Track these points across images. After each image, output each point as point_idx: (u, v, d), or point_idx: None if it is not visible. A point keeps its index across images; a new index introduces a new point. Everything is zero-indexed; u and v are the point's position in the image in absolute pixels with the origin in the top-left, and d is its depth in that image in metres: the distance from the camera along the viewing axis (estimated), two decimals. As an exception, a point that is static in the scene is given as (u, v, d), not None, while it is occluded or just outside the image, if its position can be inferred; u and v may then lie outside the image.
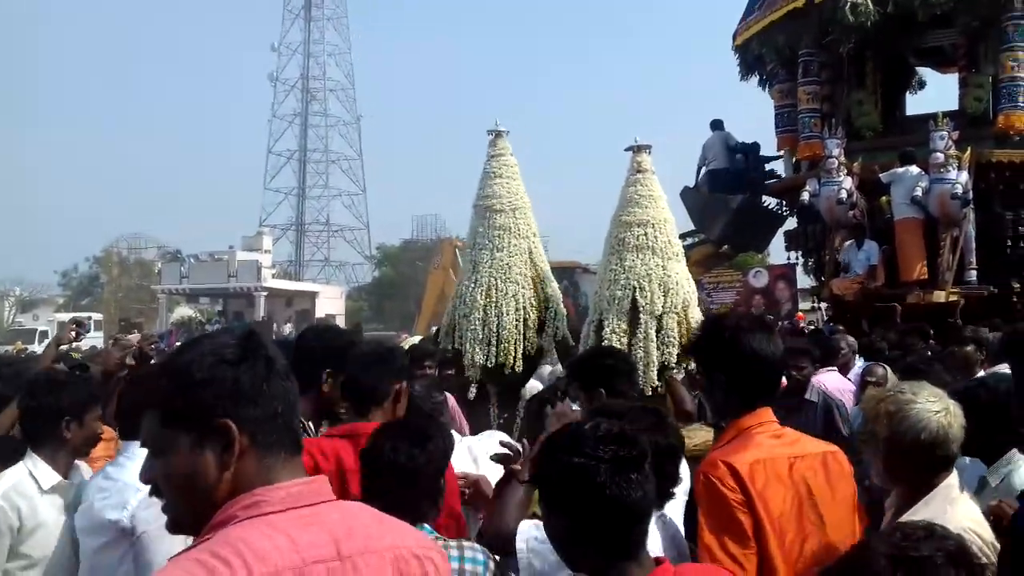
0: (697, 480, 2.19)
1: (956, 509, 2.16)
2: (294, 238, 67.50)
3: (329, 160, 68.57)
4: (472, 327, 4.93)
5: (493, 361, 4.88)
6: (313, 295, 43.86)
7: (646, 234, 5.04)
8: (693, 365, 3.51)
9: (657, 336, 4.85)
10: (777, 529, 2.10)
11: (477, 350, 4.91)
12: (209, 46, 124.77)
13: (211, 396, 1.23)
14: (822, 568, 1.23)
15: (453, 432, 2.94)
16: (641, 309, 4.92)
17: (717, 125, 14.87)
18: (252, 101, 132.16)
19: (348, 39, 69.38)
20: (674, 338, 4.82)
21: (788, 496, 2.16)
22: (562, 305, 5.35)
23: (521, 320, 4.96)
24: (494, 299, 4.92)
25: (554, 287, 5.30)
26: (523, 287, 4.99)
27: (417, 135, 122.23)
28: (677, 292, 4.99)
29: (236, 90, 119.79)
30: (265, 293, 39.25)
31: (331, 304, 43.06)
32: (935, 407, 2.28)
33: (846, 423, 4.89)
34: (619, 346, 4.65)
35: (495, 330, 4.88)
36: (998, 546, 2.01)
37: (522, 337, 4.96)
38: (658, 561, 1.64)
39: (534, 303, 5.05)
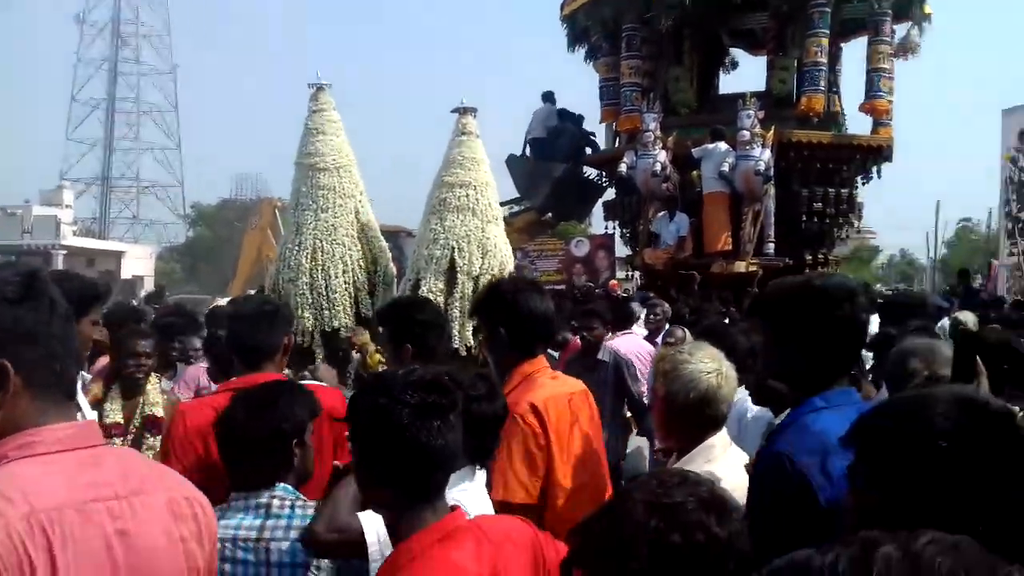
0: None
1: (713, 468, 2.18)
2: (99, 193, 63.08)
3: (140, 111, 64.37)
4: (300, 291, 4.78)
5: (328, 325, 4.78)
6: (119, 255, 41.16)
7: (467, 195, 5.07)
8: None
9: (473, 296, 4.84)
10: (565, 454, 2.54)
11: (306, 315, 4.76)
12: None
13: None
14: (585, 517, 1.26)
15: None
16: (459, 269, 4.94)
17: (548, 97, 15.06)
18: (55, 43, 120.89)
19: (165, -18, 65.06)
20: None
21: (571, 426, 2.61)
22: (392, 265, 5.24)
23: (351, 282, 4.86)
24: (320, 262, 4.80)
25: (383, 246, 5.21)
26: (350, 248, 4.89)
27: (239, 88, 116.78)
28: (495, 255, 5.06)
29: (37, 30, 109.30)
30: (64, 252, 36.40)
31: (139, 265, 40.61)
32: (707, 367, 2.35)
33: (635, 381, 5.21)
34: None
35: (324, 293, 4.77)
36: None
37: (353, 300, 4.89)
38: (453, 508, 1.67)
39: (362, 264, 4.95)
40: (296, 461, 2.27)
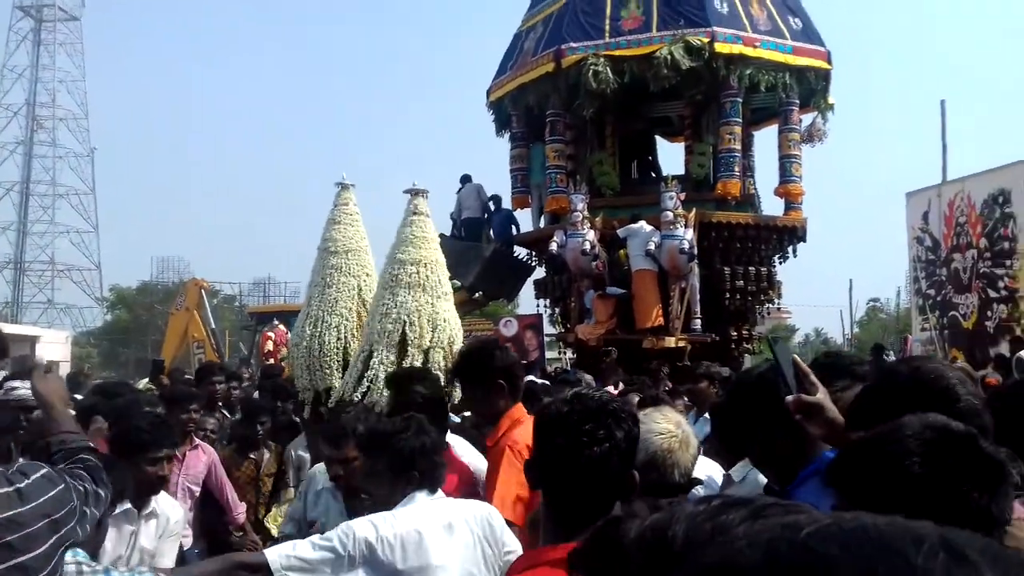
0: (499, 452, 2.91)
1: None
2: (12, 277, 60.97)
3: (57, 194, 62.88)
4: (300, 354, 5.31)
5: (319, 384, 5.20)
6: (33, 340, 39.63)
7: (418, 272, 5.36)
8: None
9: (423, 365, 5.07)
10: None
11: (302, 375, 5.28)
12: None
13: None
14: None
15: None
16: (410, 343, 5.17)
17: (467, 179, 15.38)
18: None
19: (82, 66, 64.30)
20: (440, 371, 4.99)
21: None
22: None
23: (342, 348, 5.28)
24: (319, 331, 5.30)
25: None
26: (347, 319, 5.37)
27: (159, 171, 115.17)
28: (444, 329, 5.35)
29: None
30: (-27, 337, 34.99)
31: (54, 349, 39.09)
32: (659, 428, 2.23)
33: None
34: (379, 375, 4.88)
35: (317, 356, 5.23)
36: None
37: (342, 364, 5.25)
38: None
39: (355, 334, 5.36)
40: None
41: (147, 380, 10.33)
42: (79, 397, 6.72)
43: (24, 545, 1.52)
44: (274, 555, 2.25)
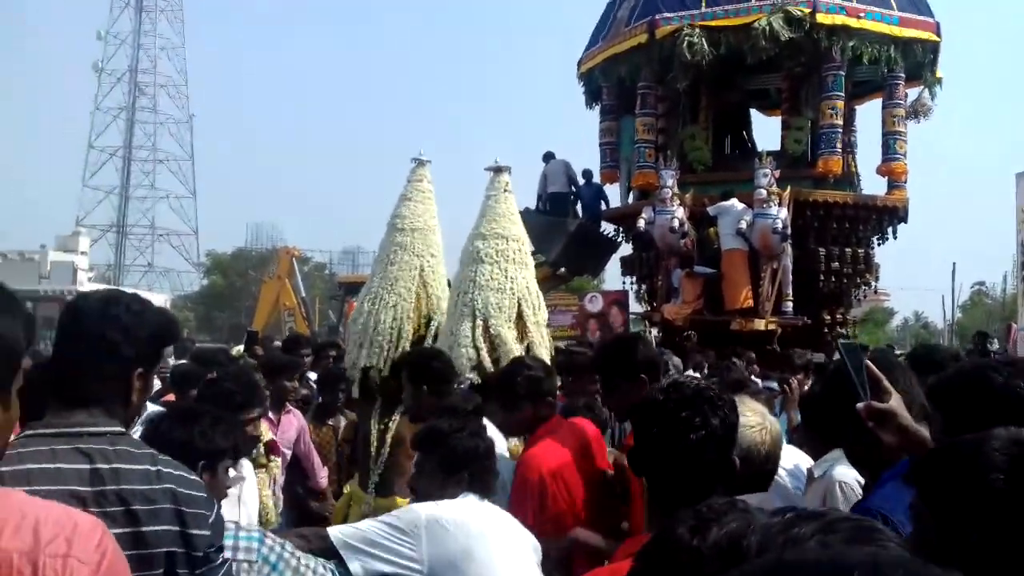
0: None
1: None
2: (114, 240, 63.63)
3: (157, 160, 65.17)
4: (356, 329, 5.24)
5: (365, 362, 5.11)
6: (134, 302, 41.40)
7: (520, 249, 5.30)
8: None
9: (539, 343, 5.10)
10: None
11: (354, 351, 5.20)
12: (24, 29, 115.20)
13: None
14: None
15: None
16: (527, 319, 5.14)
17: (550, 156, 15.17)
18: (72, 91, 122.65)
19: (183, 33, 66.22)
20: (546, 349, 5.02)
21: None
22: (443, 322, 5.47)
23: (396, 329, 5.15)
24: (376, 308, 5.21)
25: (440, 306, 5.45)
26: (404, 299, 5.23)
27: (255, 140, 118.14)
28: (543, 307, 5.28)
29: (54, 77, 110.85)
30: (80, 298, 36.61)
31: (154, 312, 40.82)
32: (750, 421, 2.22)
33: None
34: (512, 350, 4.72)
35: (370, 334, 5.14)
36: None
37: (395, 346, 5.13)
38: None
39: (411, 315, 5.23)
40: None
41: (241, 347, 10.59)
42: (184, 362, 6.94)
43: (147, 518, 1.66)
44: (335, 530, 2.34)
